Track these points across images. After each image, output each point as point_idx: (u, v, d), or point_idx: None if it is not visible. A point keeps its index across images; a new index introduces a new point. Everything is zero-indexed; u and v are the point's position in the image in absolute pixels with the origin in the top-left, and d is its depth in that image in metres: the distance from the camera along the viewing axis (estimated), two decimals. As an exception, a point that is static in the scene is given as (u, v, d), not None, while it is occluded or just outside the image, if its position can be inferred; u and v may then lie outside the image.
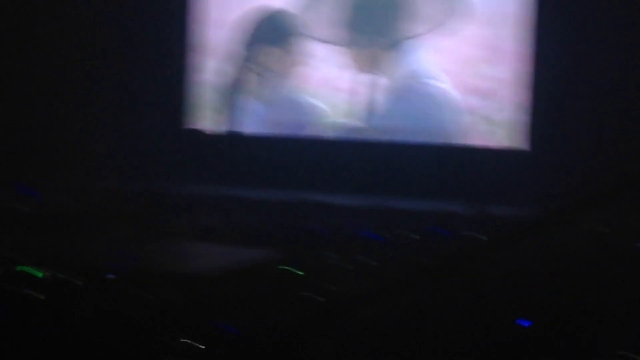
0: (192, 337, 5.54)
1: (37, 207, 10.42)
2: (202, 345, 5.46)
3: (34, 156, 14.12)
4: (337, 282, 7.02)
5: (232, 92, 14.30)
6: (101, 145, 14.24)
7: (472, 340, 5.65)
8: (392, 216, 10.59)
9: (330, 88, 13.94)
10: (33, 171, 13.48)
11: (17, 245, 8.54)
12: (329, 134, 13.98)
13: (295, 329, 5.30)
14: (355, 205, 11.52)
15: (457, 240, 8.88)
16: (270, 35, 14.20)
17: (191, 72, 14.46)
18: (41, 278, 6.88)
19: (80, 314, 5.90)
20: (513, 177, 12.82)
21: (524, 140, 13.19)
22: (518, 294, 6.35)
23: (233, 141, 14.20)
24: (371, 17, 13.78)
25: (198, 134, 14.35)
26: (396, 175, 13.37)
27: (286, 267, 7.39)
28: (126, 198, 11.22)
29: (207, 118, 14.50)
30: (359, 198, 12.10)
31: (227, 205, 10.86)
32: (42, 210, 10.28)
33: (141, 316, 6.09)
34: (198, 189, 12.56)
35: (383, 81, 13.72)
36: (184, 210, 10.47)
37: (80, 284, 6.67)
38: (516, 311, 5.91)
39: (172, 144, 14.24)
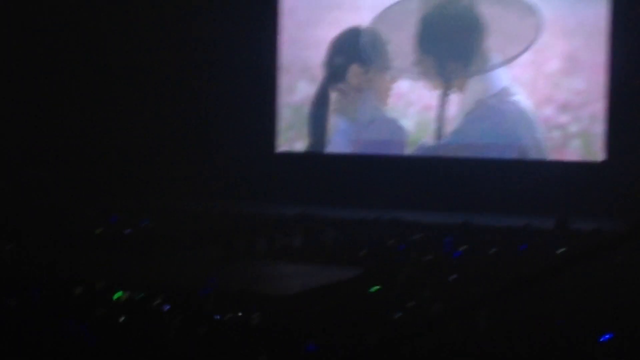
0: (273, 355, 5.63)
1: (124, 229, 10.65)
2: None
3: (123, 179, 14.39)
4: (417, 298, 7.05)
5: (320, 111, 14.38)
6: (186, 167, 14.42)
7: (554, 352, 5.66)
8: (473, 232, 10.54)
9: (417, 107, 13.96)
10: (121, 194, 13.76)
11: (103, 266, 8.76)
12: (414, 152, 14.00)
13: (377, 346, 5.34)
14: (436, 222, 11.48)
15: (538, 255, 8.84)
16: (359, 54, 14.24)
17: (281, 94, 14.59)
18: (123, 298, 7.06)
19: (162, 334, 6.02)
20: (591, 190, 12.68)
21: (602, 152, 13.06)
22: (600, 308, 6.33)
23: (316, 161, 14.29)
24: (458, 46, 13.79)
25: (274, 152, 14.49)
26: (477, 191, 13.30)
27: (372, 288, 7.44)
28: (209, 220, 11.36)
29: (294, 139, 14.59)
30: (440, 215, 12.08)
31: (308, 225, 10.91)
32: (129, 233, 10.50)
33: (224, 336, 6.20)
34: (278, 209, 12.65)
35: (468, 100, 13.68)
36: (265, 230, 10.56)
37: (162, 304, 6.82)
38: (598, 325, 5.89)
39: (256, 165, 14.34)
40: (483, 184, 13.32)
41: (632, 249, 7.87)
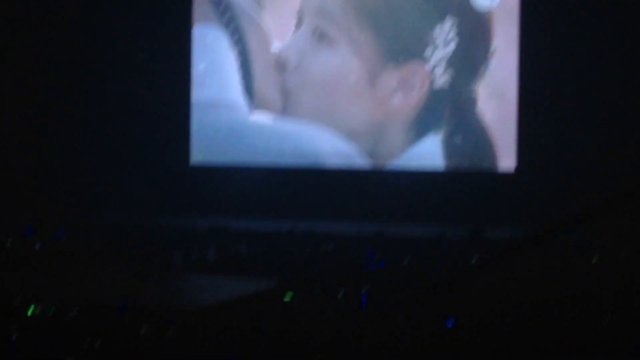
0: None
1: (36, 243, 10.51)
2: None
3: (33, 193, 14.21)
4: (330, 310, 7.10)
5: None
6: (97, 180, 14.31)
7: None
8: (387, 242, 10.65)
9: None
10: (32, 208, 13.57)
11: (16, 282, 8.63)
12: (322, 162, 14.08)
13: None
14: (349, 232, 11.58)
15: (451, 264, 8.96)
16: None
17: (192, 106, 14.55)
18: (32, 313, 6.97)
19: (74, 348, 5.97)
20: (502, 199, 12.91)
21: (511, 162, 13.32)
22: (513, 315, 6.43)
23: (231, 172, 14.29)
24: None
25: (188, 164, 14.45)
26: (388, 201, 13.45)
27: (286, 298, 7.47)
28: (124, 233, 11.28)
29: (198, 148, 14.57)
30: (353, 225, 12.17)
31: (221, 237, 10.92)
32: (40, 247, 10.37)
33: (136, 351, 6.16)
34: (189, 221, 12.63)
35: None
36: (179, 243, 10.52)
37: (74, 319, 6.75)
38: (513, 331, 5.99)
39: (162, 175, 14.30)
40: (397, 193, 13.48)
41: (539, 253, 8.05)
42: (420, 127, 13.69)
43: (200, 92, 14.62)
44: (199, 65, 14.63)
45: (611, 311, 6.33)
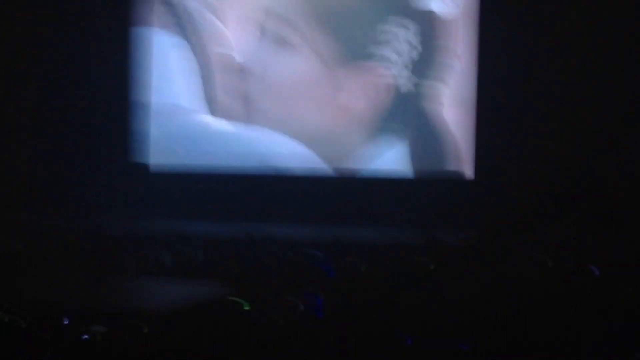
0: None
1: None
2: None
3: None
4: (283, 315, 7.09)
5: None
6: (47, 182, 14.21)
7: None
8: (341, 246, 10.65)
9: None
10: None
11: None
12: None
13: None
14: (303, 236, 11.58)
15: (405, 268, 8.97)
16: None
17: (138, 105, 14.47)
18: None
19: (27, 357, 5.92)
20: (460, 205, 12.97)
21: (467, 167, 13.40)
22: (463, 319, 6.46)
23: (188, 176, 14.25)
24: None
25: (144, 168, 14.36)
26: (343, 204, 13.49)
27: (236, 299, 7.45)
28: (74, 237, 11.19)
29: (154, 152, 14.50)
30: (307, 229, 12.18)
31: (175, 241, 10.87)
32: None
33: (90, 356, 6.12)
34: (145, 225, 12.57)
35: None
36: (133, 247, 10.47)
37: (26, 326, 6.69)
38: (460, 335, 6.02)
39: (118, 179, 14.24)
40: (353, 198, 13.52)
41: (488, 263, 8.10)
42: (382, 132, 13.71)
43: (155, 95, 14.52)
44: (153, 69, 14.53)
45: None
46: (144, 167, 14.46)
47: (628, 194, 11.89)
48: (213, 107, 14.28)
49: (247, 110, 14.13)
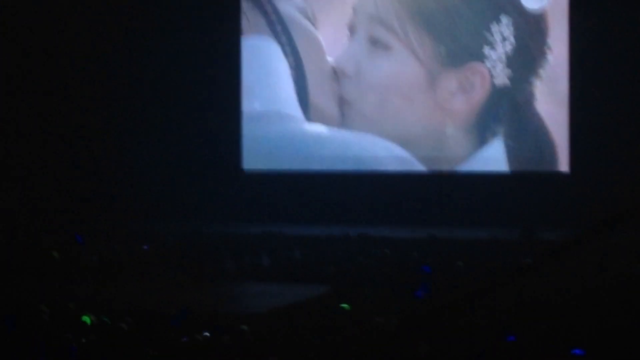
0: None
1: (90, 252, 10.63)
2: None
3: (86, 202, 14.36)
4: (385, 314, 7.10)
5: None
6: (151, 189, 14.42)
7: None
8: (440, 246, 10.61)
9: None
10: (85, 216, 13.71)
11: (70, 291, 8.74)
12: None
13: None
14: (401, 235, 11.57)
15: (504, 266, 8.91)
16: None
17: (242, 113, 14.60)
18: (90, 324, 7.06)
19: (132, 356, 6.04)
20: (554, 200, 12.82)
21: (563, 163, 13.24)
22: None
23: (282, 179, 14.32)
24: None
25: (241, 172, 14.49)
26: (440, 203, 13.44)
27: (341, 305, 7.48)
28: (177, 242, 11.33)
29: (253, 157, 14.60)
30: (405, 229, 12.18)
31: (275, 243, 10.95)
32: (94, 256, 10.48)
33: (195, 358, 6.22)
34: (243, 228, 12.68)
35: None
36: (233, 250, 10.57)
37: (128, 328, 6.82)
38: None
39: (222, 185, 14.36)
40: (449, 197, 13.46)
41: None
42: (478, 129, 13.61)
43: (252, 102, 14.60)
44: (250, 76, 14.65)
45: None
46: (242, 172, 14.57)
47: None
48: (310, 112, 14.31)
49: (343, 113, 14.14)
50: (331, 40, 14.10)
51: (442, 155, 13.76)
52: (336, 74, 14.06)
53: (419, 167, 13.85)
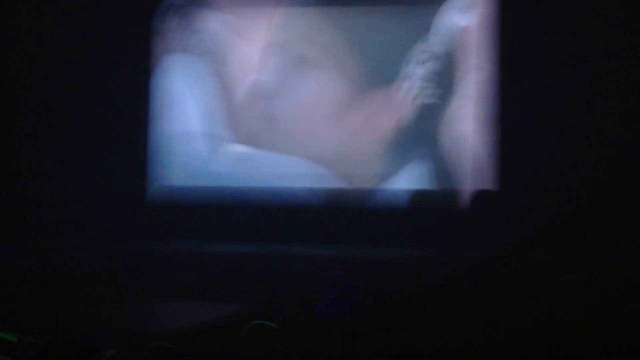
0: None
1: (14, 268, 10.45)
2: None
3: (11, 217, 14.14)
4: (310, 334, 7.06)
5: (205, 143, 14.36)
6: (72, 205, 14.26)
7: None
8: (362, 264, 10.64)
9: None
10: (10, 232, 13.49)
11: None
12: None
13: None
14: (324, 254, 11.58)
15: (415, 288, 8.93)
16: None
17: (156, 126, 14.47)
18: (15, 343, 6.91)
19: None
20: (480, 219, 12.91)
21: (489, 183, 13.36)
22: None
23: (204, 195, 14.25)
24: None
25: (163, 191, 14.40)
26: (362, 222, 13.47)
27: (260, 322, 7.43)
28: (97, 260, 11.23)
29: (176, 177, 14.50)
30: (328, 247, 12.18)
31: (200, 261, 10.90)
32: (19, 272, 10.30)
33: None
34: (170, 246, 12.60)
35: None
36: (158, 268, 10.49)
37: (57, 348, 6.70)
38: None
39: (145, 201, 14.26)
40: (373, 217, 13.50)
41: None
42: (405, 147, 13.67)
43: (175, 121, 14.50)
44: (174, 95, 14.55)
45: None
46: (162, 188, 14.46)
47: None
48: (236, 131, 14.26)
49: (268, 132, 14.11)
50: (258, 58, 14.09)
51: (366, 174, 13.79)
52: (262, 92, 14.05)
53: (342, 185, 13.87)
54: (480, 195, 11.06)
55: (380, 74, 13.67)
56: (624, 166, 12.63)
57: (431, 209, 13.34)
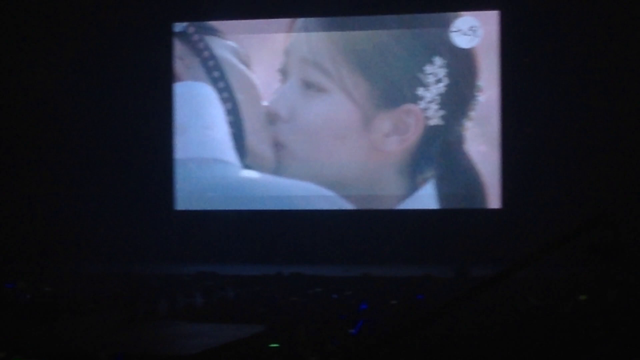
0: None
1: (21, 294, 10.50)
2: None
3: (19, 243, 14.22)
4: (316, 353, 7.11)
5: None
6: (83, 229, 14.33)
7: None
8: (372, 284, 10.67)
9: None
10: (18, 258, 13.57)
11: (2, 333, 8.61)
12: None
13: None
14: (334, 275, 11.61)
15: (437, 303, 8.96)
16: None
17: (174, 152, 14.58)
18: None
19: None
20: (489, 238, 12.97)
21: (495, 201, 13.42)
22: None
23: (215, 218, 14.31)
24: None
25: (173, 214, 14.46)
26: (372, 243, 13.52)
27: (272, 345, 7.47)
28: (108, 281, 11.28)
29: (186, 201, 14.57)
30: (338, 268, 12.23)
31: (209, 283, 10.93)
32: (27, 297, 10.36)
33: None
34: (178, 268, 12.65)
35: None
36: (166, 290, 10.52)
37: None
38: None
39: (154, 224, 14.33)
40: (381, 234, 13.55)
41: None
42: (414, 169, 13.73)
43: (186, 147, 14.60)
44: (185, 122, 14.62)
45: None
46: (175, 212, 14.54)
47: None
48: (246, 157, 14.32)
49: (277, 157, 14.17)
50: (266, 84, 14.17)
51: (376, 196, 13.84)
52: (271, 118, 14.12)
53: (352, 206, 13.94)
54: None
55: (387, 96, 13.75)
56: (625, 183, 12.72)
57: (441, 228, 13.39)
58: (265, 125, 14.19)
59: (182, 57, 14.60)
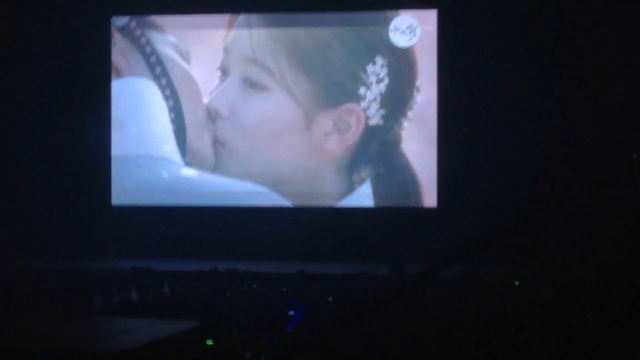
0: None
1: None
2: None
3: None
4: (251, 349, 7.13)
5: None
6: (17, 224, 14.21)
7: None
8: (307, 281, 10.71)
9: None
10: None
11: None
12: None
13: None
14: (269, 271, 11.63)
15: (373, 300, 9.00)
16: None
17: (111, 148, 14.48)
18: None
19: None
20: (424, 236, 13.07)
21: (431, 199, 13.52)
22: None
23: (151, 213, 14.26)
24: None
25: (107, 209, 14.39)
26: (309, 239, 13.56)
27: (208, 342, 7.48)
28: (43, 278, 11.19)
29: (122, 197, 14.50)
30: (273, 264, 12.25)
31: (144, 279, 10.89)
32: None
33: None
34: (113, 263, 12.59)
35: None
36: (101, 286, 10.47)
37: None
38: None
39: (89, 220, 14.24)
40: (318, 232, 13.59)
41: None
42: (353, 168, 13.78)
43: (124, 144, 14.53)
44: (124, 118, 14.54)
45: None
46: (110, 208, 14.46)
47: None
48: (186, 154, 14.28)
49: (217, 155, 14.14)
50: (206, 81, 14.14)
51: (314, 194, 13.88)
52: (211, 115, 14.09)
53: (290, 203, 13.97)
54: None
55: (328, 95, 13.78)
56: (559, 183, 12.89)
57: (376, 226, 13.48)
58: (205, 123, 14.16)
59: (124, 52, 14.51)
